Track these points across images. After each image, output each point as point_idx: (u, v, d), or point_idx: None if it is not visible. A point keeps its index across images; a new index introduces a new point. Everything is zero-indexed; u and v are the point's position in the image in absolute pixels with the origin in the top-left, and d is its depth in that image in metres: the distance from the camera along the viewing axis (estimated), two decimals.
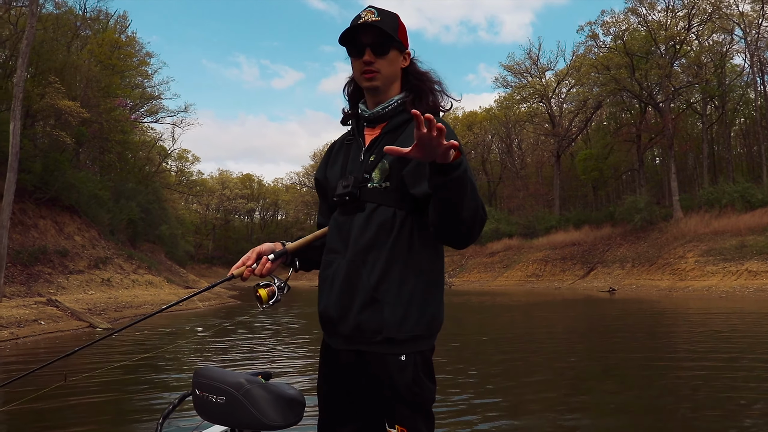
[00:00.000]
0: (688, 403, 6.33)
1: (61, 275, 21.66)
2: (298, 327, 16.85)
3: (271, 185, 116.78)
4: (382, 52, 2.03)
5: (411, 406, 1.89)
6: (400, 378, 1.89)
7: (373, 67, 2.02)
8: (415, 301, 1.93)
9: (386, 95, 2.09)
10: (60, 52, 27.37)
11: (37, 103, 22.56)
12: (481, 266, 55.84)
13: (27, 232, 22.56)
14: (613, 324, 16.08)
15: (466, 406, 6.37)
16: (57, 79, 23.11)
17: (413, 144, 1.60)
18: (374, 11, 2.04)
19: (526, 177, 67.66)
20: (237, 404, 1.94)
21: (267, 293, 2.02)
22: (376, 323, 1.90)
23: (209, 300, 29.15)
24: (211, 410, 2.00)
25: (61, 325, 15.20)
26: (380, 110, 2.09)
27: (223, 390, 1.97)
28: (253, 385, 1.97)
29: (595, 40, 48.75)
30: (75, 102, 23.15)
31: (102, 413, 6.49)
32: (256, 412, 1.93)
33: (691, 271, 33.88)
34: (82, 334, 14.82)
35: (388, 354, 1.90)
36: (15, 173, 16.18)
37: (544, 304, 25.69)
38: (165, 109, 53.43)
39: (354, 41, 2.04)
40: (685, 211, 41.87)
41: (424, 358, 1.95)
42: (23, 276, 19.67)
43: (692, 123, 54.69)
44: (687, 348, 10.76)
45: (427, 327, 1.95)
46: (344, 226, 2.03)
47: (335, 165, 2.18)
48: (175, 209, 70.68)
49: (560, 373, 8.59)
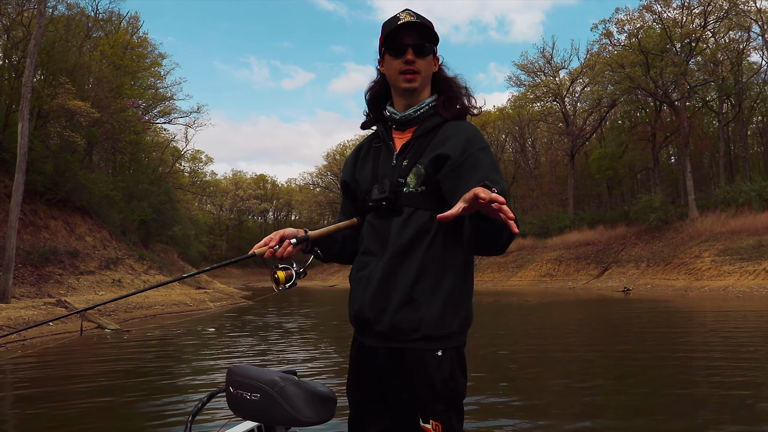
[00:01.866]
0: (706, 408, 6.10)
1: (72, 276, 21.66)
2: (312, 326, 16.72)
3: (284, 186, 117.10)
4: (423, 53, 2.06)
5: (446, 402, 1.94)
6: (438, 374, 1.93)
7: (414, 66, 2.05)
8: (451, 298, 1.98)
9: (418, 98, 2.11)
10: (72, 53, 27.40)
11: (47, 104, 22.56)
12: (495, 266, 55.48)
13: (38, 233, 22.60)
14: (627, 324, 15.80)
15: (479, 407, 6.17)
16: (68, 79, 23.10)
17: (463, 203, 1.57)
18: (412, 14, 2.07)
19: (540, 176, 67.20)
20: (271, 401, 1.99)
21: (285, 276, 2.05)
22: (413, 322, 1.94)
23: (221, 301, 29.13)
24: (246, 407, 2.07)
25: (69, 326, 15.12)
26: (411, 113, 2.10)
27: (257, 387, 2.03)
28: (286, 382, 2.02)
29: (610, 38, 48.24)
30: (85, 102, 23.11)
31: (125, 418, 6.45)
32: (290, 408, 1.98)
33: (707, 270, 33.41)
34: (90, 335, 14.76)
35: (426, 350, 1.95)
36: (23, 174, 16.13)
37: (558, 305, 25.38)
38: (178, 110, 53.23)
39: (395, 40, 2.06)
40: (701, 210, 41.32)
41: (459, 353, 2.01)
42: (33, 277, 19.67)
43: (708, 121, 54.06)
44: (703, 348, 10.49)
45: (462, 324, 2.01)
46: (381, 230, 2.07)
47: (364, 168, 2.20)
48: (188, 210, 70.98)
49: (577, 378, 8.36)
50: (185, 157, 73.14)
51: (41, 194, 23.71)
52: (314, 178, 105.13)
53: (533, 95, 60.53)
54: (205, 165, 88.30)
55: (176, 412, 6.31)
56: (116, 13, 43.58)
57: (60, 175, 24.38)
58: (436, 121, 2.08)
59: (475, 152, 1.98)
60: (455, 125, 2.07)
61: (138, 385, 8.15)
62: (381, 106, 2.22)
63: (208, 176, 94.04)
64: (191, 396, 7.13)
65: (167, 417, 6.12)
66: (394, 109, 2.15)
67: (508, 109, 67.91)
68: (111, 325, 15.90)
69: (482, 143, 2.01)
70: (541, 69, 60.75)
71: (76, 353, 11.72)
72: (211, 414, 5.77)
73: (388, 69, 2.11)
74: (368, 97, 2.25)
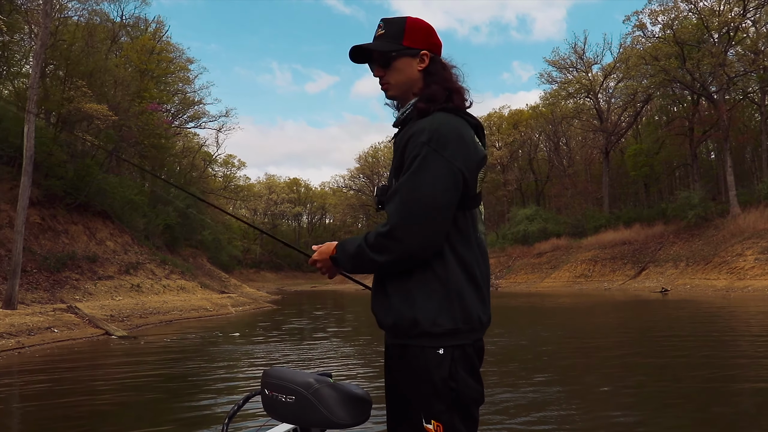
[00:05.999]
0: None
1: (89, 281, 21.38)
2: (341, 329, 16.10)
3: (318, 189, 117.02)
4: (385, 64, 2.09)
5: (447, 402, 1.89)
6: (437, 372, 1.89)
7: (382, 80, 2.11)
8: (449, 295, 1.92)
9: (407, 101, 2.12)
10: (95, 58, 27.27)
11: (65, 108, 22.36)
12: (528, 267, 54.32)
13: (57, 238, 22.39)
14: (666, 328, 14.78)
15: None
16: (84, 83, 22.88)
17: None
18: (382, 24, 2.12)
19: (574, 175, 65.59)
20: (307, 403, 1.99)
21: None
22: (410, 318, 1.91)
23: (244, 306, 28.70)
24: (281, 409, 2.06)
25: (75, 332, 14.73)
26: (400, 116, 2.13)
27: (292, 390, 2.02)
28: (321, 384, 2.01)
29: (643, 30, 46.65)
30: (103, 105, 22.86)
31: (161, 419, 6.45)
32: (326, 410, 1.97)
33: (751, 269, 31.87)
34: (95, 342, 14.33)
35: (426, 347, 1.91)
36: (29, 177, 15.75)
37: (591, 307, 24.29)
38: (207, 115, 53.31)
39: (366, 60, 2.16)
40: (743, 206, 39.63)
41: (464, 353, 1.94)
42: (48, 282, 19.40)
43: (749, 114, 52.06)
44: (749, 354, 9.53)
45: (465, 320, 1.93)
46: None
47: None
48: (222, 214, 71.10)
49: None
50: (217, 162, 73.38)
51: (61, 199, 23.54)
52: (347, 181, 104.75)
53: (565, 92, 59.05)
54: (237, 170, 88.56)
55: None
56: (143, 18, 43.83)
57: (80, 180, 24.20)
58: (410, 124, 2.03)
59: (409, 154, 1.93)
60: (410, 126, 2.00)
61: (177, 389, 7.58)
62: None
63: (242, 181, 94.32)
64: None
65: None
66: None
67: (541, 107, 66.60)
68: (119, 331, 15.46)
69: (416, 138, 1.91)
70: (573, 65, 59.34)
71: (76, 359, 11.20)
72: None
73: None
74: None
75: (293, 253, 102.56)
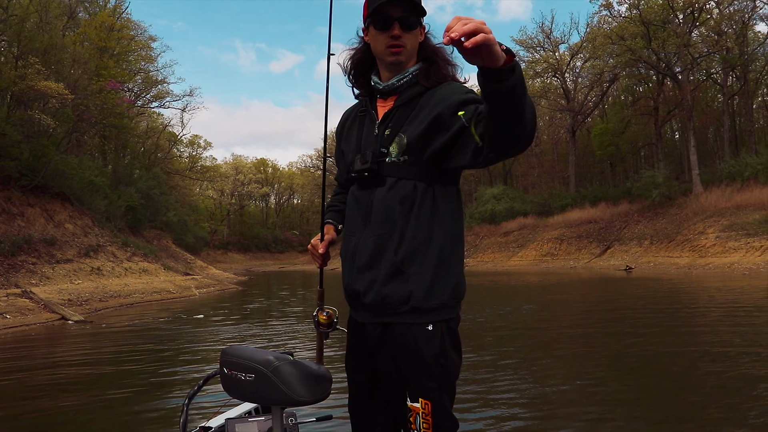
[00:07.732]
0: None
1: (47, 265, 20.78)
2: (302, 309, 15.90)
3: (285, 169, 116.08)
4: (409, 27, 2.02)
5: (437, 379, 1.88)
6: (428, 348, 1.88)
7: (400, 41, 2.01)
8: (439, 268, 1.92)
9: (403, 69, 2.07)
10: (51, 34, 26.35)
11: (17, 86, 21.56)
12: (495, 246, 54.63)
13: (12, 221, 21.69)
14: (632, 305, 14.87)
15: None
16: (38, 60, 22.07)
17: None
18: None
19: (541, 154, 65.96)
20: (266, 381, 1.96)
21: (326, 320, 2.27)
22: (401, 294, 1.90)
23: (208, 287, 28.31)
24: (240, 388, 2.02)
25: (29, 318, 14.28)
26: (395, 82, 2.07)
27: (252, 368, 1.98)
28: (281, 362, 1.97)
29: (609, 9, 46.85)
30: (58, 84, 22.09)
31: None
32: (286, 388, 1.94)
33: (712, 247, 32.45)
34: (51, 328, 13.91)
35: (415, 324, 1.90)
36: None
37: (558, 285, 24.43)
38: (171, 94, 52.17)
39: (382, 14, 2.00)
40: (706, 185, 40.26)
41: (450, 328, 1.94)
42: (2, 267, 18.78)
43: (713, 95, 52.78)
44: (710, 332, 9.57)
45: (452, 295, 1.94)
46: (364, 201, 2.04)
47: (350, 139, 2.17)
48: (189, 195, 70.07)
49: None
50: (182, 142, 72.15)
51: (16, 180, 22.77)
52: (314, 161, 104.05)
53: (533, 71, 59.14)
54: (203, 150, 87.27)
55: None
56: None
57: (36, 161, 23.44)
58: (418, 90, 2.03)
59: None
60: (443, 87, 1.99)
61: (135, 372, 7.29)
62: (366, 76, 2.17)
63: (208, 161, 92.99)
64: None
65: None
66: (378, 79, 2.12)
67: None
68: (75, 316, 15.04)
69: (467, 96, 1.90)
70: (541, 44, 59.43)
71: (30, 346, 10.83)
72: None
73: (374, 42, 2.06)
74: (350, 65, 2.19)
75: (261, 233, 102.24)
